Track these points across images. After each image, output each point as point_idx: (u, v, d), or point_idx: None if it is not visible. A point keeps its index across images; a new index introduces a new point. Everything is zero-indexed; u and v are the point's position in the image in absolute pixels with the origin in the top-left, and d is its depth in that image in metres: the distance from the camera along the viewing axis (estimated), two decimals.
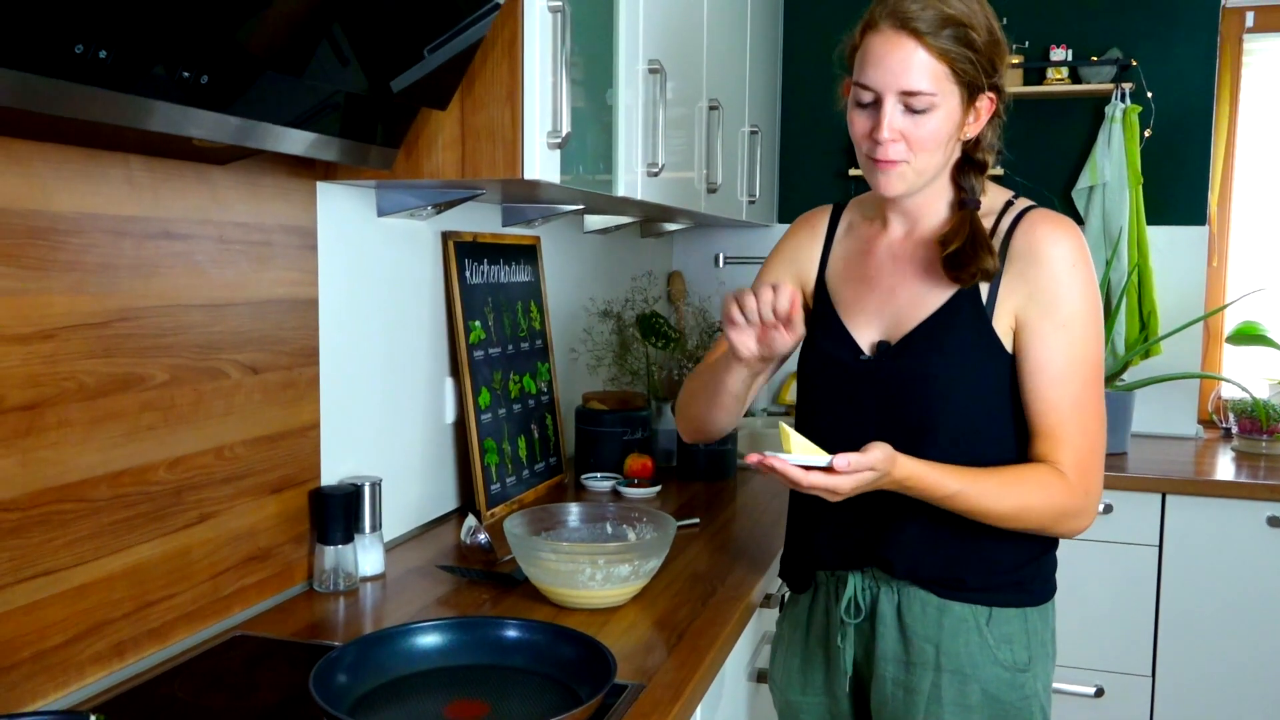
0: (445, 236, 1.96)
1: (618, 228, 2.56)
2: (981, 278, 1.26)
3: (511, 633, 1.28)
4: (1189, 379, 2.97)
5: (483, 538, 1.70)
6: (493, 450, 2.02)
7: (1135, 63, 2.97)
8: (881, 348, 1.34)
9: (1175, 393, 3.01)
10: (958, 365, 1.28)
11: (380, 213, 1.75)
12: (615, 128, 1.80)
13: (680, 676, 1.26)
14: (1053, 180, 3.08)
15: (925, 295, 1.31)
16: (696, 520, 1.98)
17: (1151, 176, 2.98)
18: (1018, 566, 1.32)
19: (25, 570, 1.13)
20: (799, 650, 1.46)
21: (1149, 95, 2.97)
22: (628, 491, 2.17)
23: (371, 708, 1.15)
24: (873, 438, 1.29)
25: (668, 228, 3.02)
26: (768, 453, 1.19)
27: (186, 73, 1.02)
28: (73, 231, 1.17)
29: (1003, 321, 1.27)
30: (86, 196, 1.19)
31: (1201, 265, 3.02)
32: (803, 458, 1.18)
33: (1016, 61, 3.01)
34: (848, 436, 1.33)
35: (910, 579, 1.32)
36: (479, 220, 2.09)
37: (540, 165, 1.50)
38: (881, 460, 1.18)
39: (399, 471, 1.85)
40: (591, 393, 2.41)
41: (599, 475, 2.25)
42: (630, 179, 1.88)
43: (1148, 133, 2.98)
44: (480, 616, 1.42)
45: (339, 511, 1.56)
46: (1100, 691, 2.63)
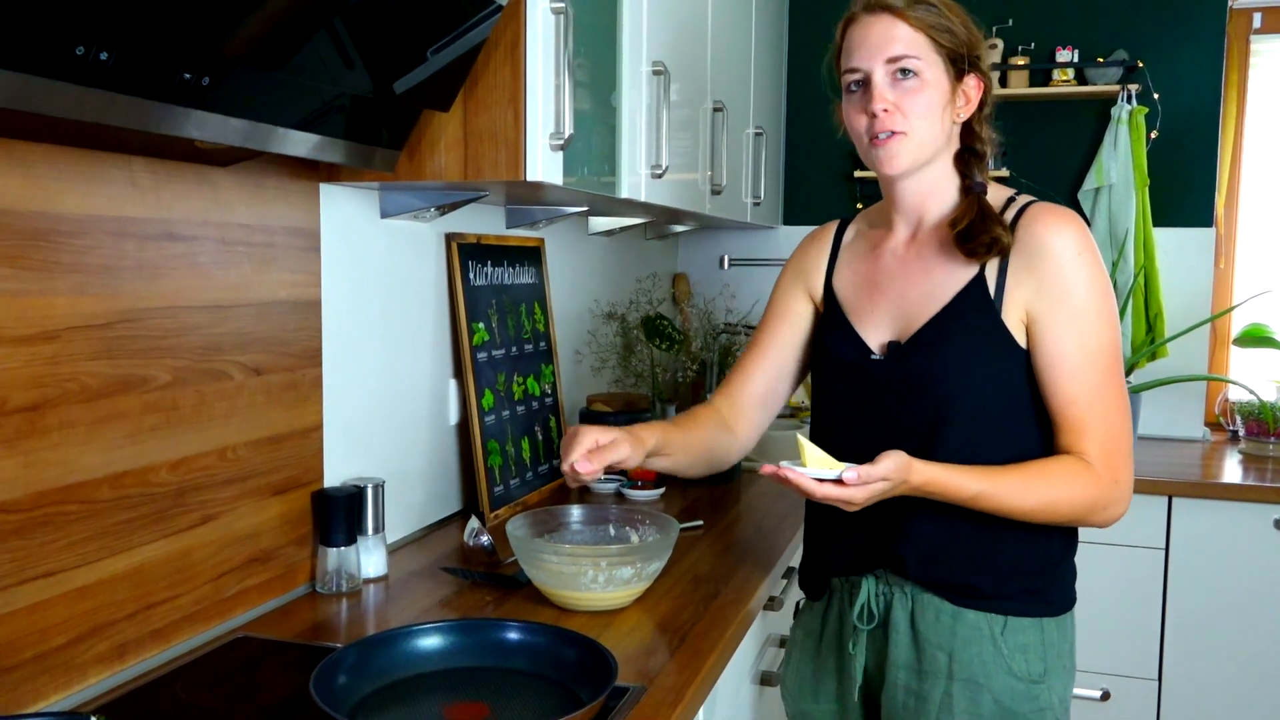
0: (449, 238, 1.96)
1: (622, 230, 2.56)
2: (996, 250, 1.27)
3: (513, 635, 1.28)
4: (1196, 381, 2.96)
5: (485, 540, 1.70)
6: (496, 452, 2.01)
7: (1142, 64, 2.96)
8: (892, 347, 1.34)
9: (1182, 395, 3.00)
10: (968, 359, 1.28)
11: (383, 214, 1.76)
12: (619, 129, 1.80)
13: (682, 679, 1.26)
14: (1059, 182, 3.07)
15: (933, 293, 1.32)
16: (700, 523, 1.98)
17: (1158, 178, 2.97)
18: (1034, 574, 1.31)
19: (27, 571, 1.13)
20: (811, 658, 1.45)
21: (1155, 97, 2.96)
22: (631, 494, 2.17)
23: (372, 710, 1.15)
24: (886, 437, 1.29)
25: (672, 229, 3.02)
26: (783, 464, 1.20)
27: (188, 74, 1.02)
28: (75, 233, 1.17)
29: (1012, 315, 1.27)
30: (89, 198, 1.19)
31: (1208, 267, 3.00)
32: (817, 470, 1.19)
33: (1022, 63, 3.00)
34: (861, 438, 1.33)
35: (923, 581, 1.31)
36: (483, 222, 2.09)
37: (543, 167, 1.50)
38: (894, 469, 1.18)
39: (402, 473, 1.85)
40: (596, 395, 2.41)
41: (602, 478, 2.24)
42: (634, 181, 1.88)
43: (1154, 134, 2.97)
44: (482, 619, 1.42)
45: (342, 513, 1.56)
46: (1106, 695, 2.62)
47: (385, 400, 1.80)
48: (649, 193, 1.96)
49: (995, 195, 1.34)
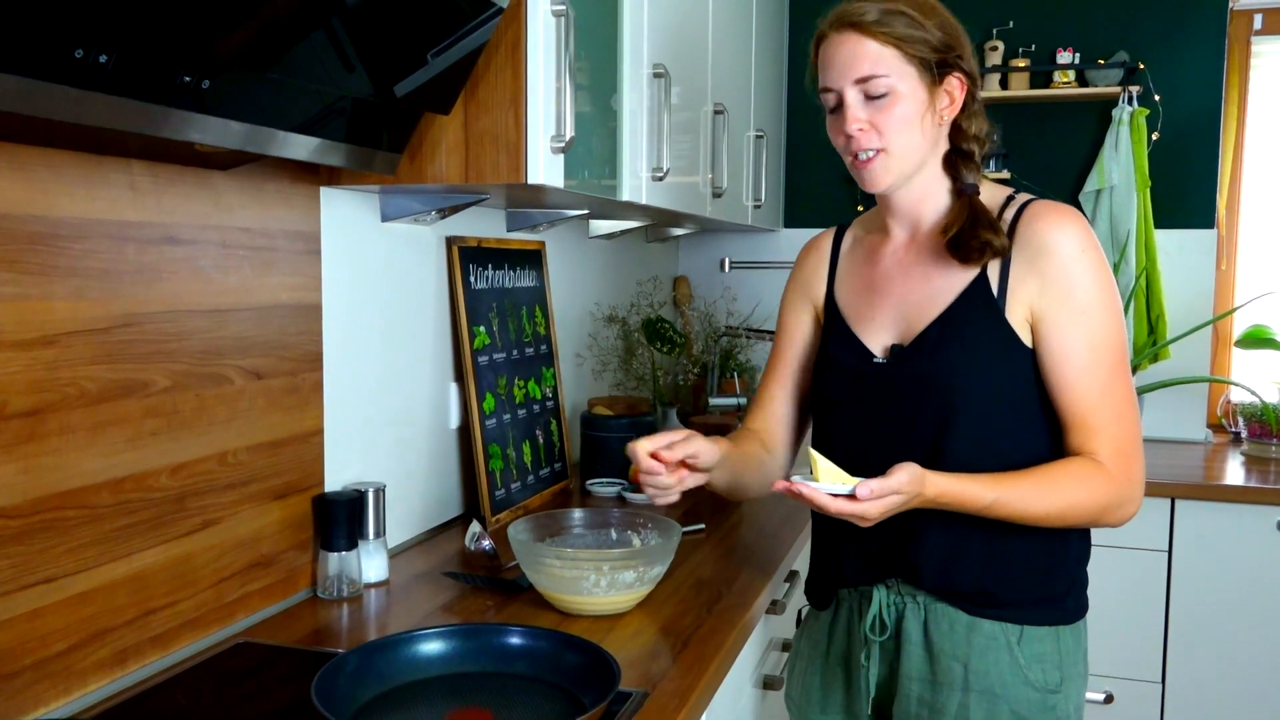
0: (449, 242, 1.96)
1: (623, 233, 2.55)
2: (990, 254, 1.25)
3: (515, 640, 1.28)
4: (1198, 383, 2.95)
5: (487, 544, 1.70)
6: (497, 456, 2.01)
7: (1143, 65, 2.96)
8: (894, 350, 1.33)
9: (1184, 397, 3.00)
10: (972, 359, 1.27)
11: (384, 218, 1.75)
12: (620, 132, 1.80)
13: (685, 684, 1.25)
14: (1060, 184, 3.07)
15: (935, 295, 1.31)
16: (702, 526, 1.97)
17: (1159, 180, 2.97)
18: (1051, 580, 1.29)
19: (27, 577, 1.12)
20: (819, 669, 1.44)
21: (1157, 98, 2.96)
22: (633, 497, 2.16)
23: (374, 715, 1.14)
24: (891, 442, 1.29)
25: (673, 232, 3.01)
26: (794, 477, 1.20)
27: (188, 77, 1.02)
28: (75, 237, 1.17)
29: (1016, 314, 1.26)
30: (88, 202, 1.18)
31: (1210, 269, 3.00)
32: (829, 485, 1.19)
33: (1023, 65, 3.00)
34: (865, 444, 1.33)
35: (937, 590, 1.29)
36: (483, 225, 2.09)
37: (544, 170, 1.49)
38: (908, 482, 1.17)
39: (403, 477, 1.84)
40: (597, 398, 2.40)
41: (604, 481, 2.24)
42: (635, 183, 1.88)
43: (1155, 136, 2.97)
44: (484, 623, 1.41)
45: (343, 518, 1.55)
46: (1110, 698, 2.61)
47: (386, 404, 1.79)
48: (650, 195, 1.96)
49: (993, 195, 1.33)
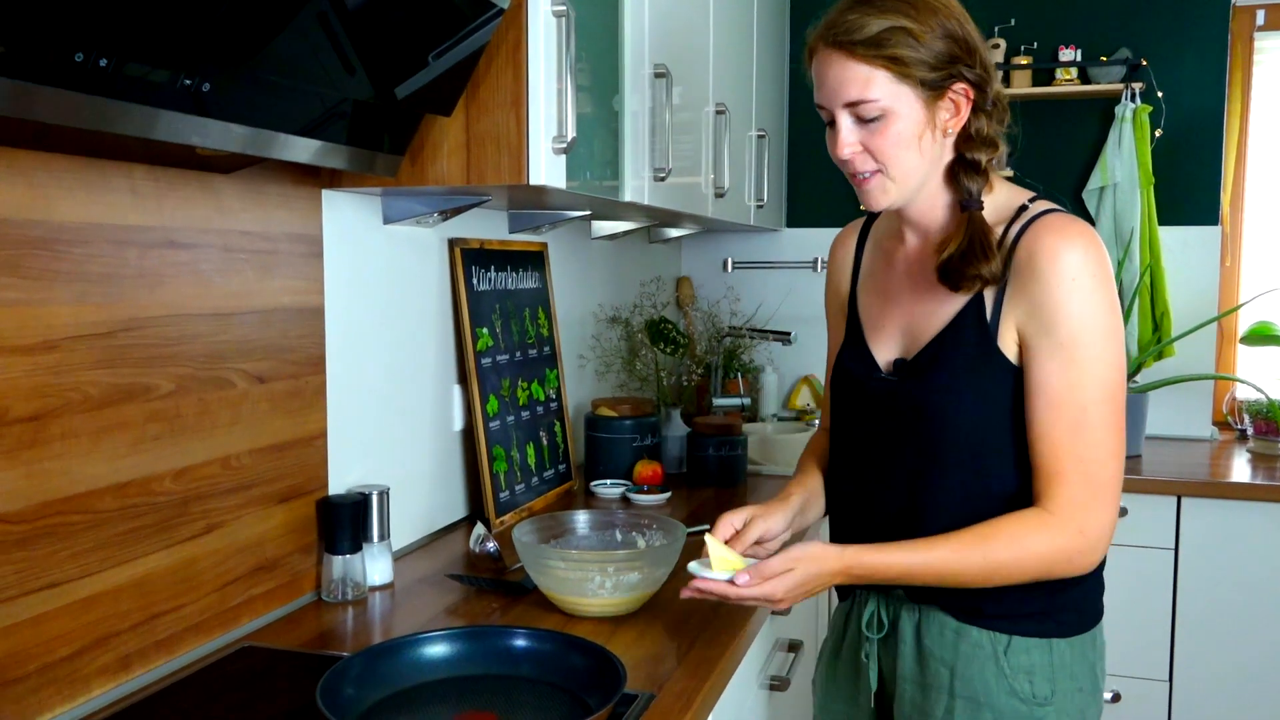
0: (452, 243, 1.95)
1: (625, 233, 2.55)
2: (980, 285, 1.20)
3: (520, 642, 1.27)
4: (1203, 380, 2.94)
5: (491, 546, 1.69)
6: (501, 458, 2.01)
7: (1145, 62, 2.95)
8: (899, 365, 1.30)
9: (1189, 394, 2.99)
10: (961, 387, 1.23)
11: (386, 220, 1.75)
12: (621, 133, 1.79)
13: (691, 685, 1.25)
14: (1063, 181, 3.06)
15: (937, 310, 1.27)
16: (707, 527, 1.95)
17: (1163, 177, 2.96)
18: (1041, 596, 1.24)
19: (31, 583, 1.12)
20: (834, 658, 1.45)
21: (1159, 95, 2.95)
22: (637, 498, 2.16)
23: (379, 719, 1.14)
24: (886, 457, 1.28)
25: (675, 233, 3.01)
26: (693, 566, 1.26)
27: (188, 80, 1.02)
28: (76, 241, 1.16)
29: (1008, 337, 1.21)
30: (89, 206, 1.18)
31: (1214, 265, 2.99)
32: (721, 574, 1.24)
33: (1025, 62, 3.00)
34: (868, 456, 1.32)
35: (924, 600, 1.28)
36: (486, 227, 2.08)
37: (546, 171, 1.49)
38: (799, 559, 1.18)
39: (407, 480, 1.84)
40: (600, 399, 2.40)
41: (608, 482, 2.24)
42: (637, 184, 1.87)
43: (1158, 133, 2.96)
44: (489, 626, 1.41)
45: (347, 521, 1.55)
46: (1117, 697, 2.60)
47: (389, 407, 1.79)
48: (652, 196, 1.95)
49: (1004, 202, 1.26)
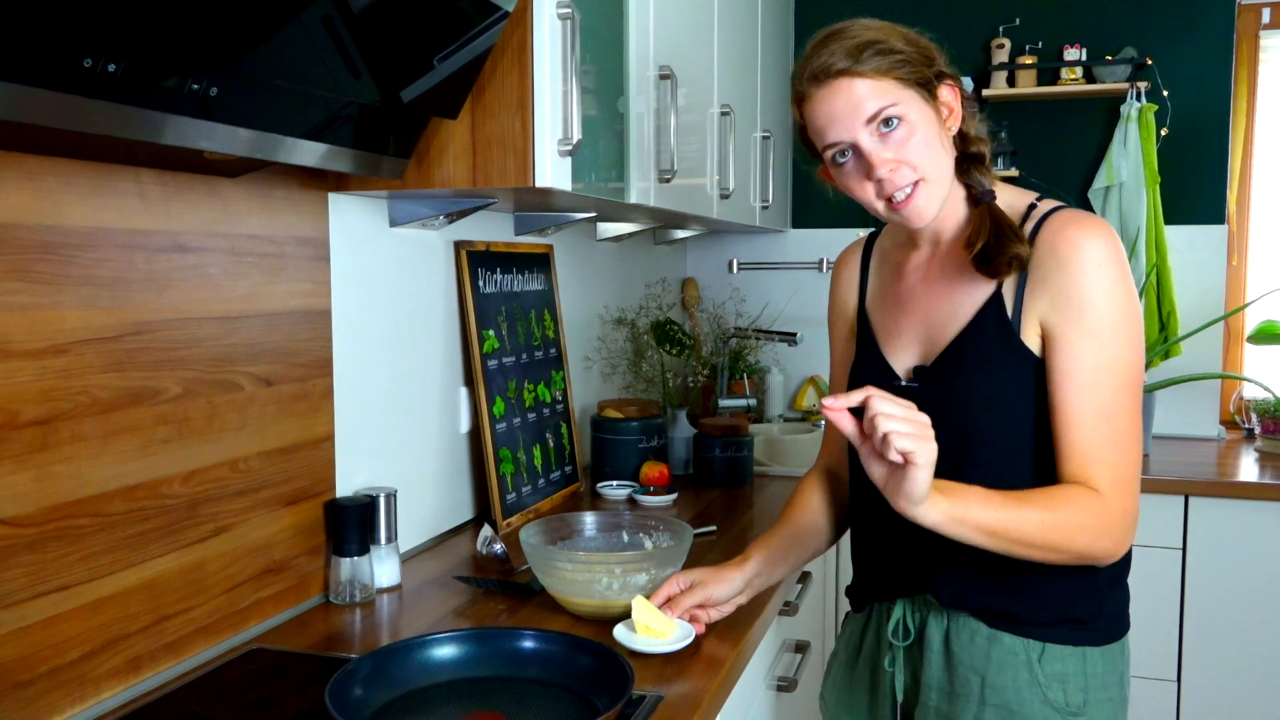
0: (458, 246, 1.96)
1: (630, 235, 2.55)
2: (1017, 267, 1.20)
3: (528, 643, 1.28)
4: (1210, 379, 2.94)
5: (499, 548, 1.70)
6: (508, 460, 2.01)
7: (1150, 61, 2.95)
8: (918, 372, 1.30)
9: (1196, 393, 2.98)
10: (988, 385, 1.22)
11: (392, 223, 1.75)
12: (627, 135, 1.80)
13: (699, 686, 1.25)
14: (1069, 181, 3.06)
15: (955, 312, 1.26)
16: (713, 528, 1.97)
17: (1169, 176, 2.96)
18: (1076, 601, 1.24)
19: (41, 585, 1.13)
20: (849, 671, 1.43)
21: (1165, 94, 2.95)
22: (644, 499, 2.16)
23: None
24: None
25: (680, 234, 3.01)
26: (617, 633, 1.31)
27: (195, 85, 1.02)
28: (84, 246, 1.17)
29: (1030, 331, 1.21)
30: (98, 210, 1.19)
31: (1221, 264, 2.99)
32: (640, 639, 1.30)
33: (1030, 62, 2.99)
34: None
35: (958, 607, 1.26)
36: (491, 229, 2.09)
37: (551, 173, 1.49)
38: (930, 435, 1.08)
39: (414, 482, 1.84)
40: (606, 401, 2.40)
41: (614, 483, 2.24)
42: (643, 186, 1.88)
43: (1164, 131, 2.95)
44: (497, 627, 1.41)
45: (354, 523, 1.56)
46: None
47: (396, 409, 1.80)
48: (657, 198, 1.96)
49: (1014, 201, 1.27)
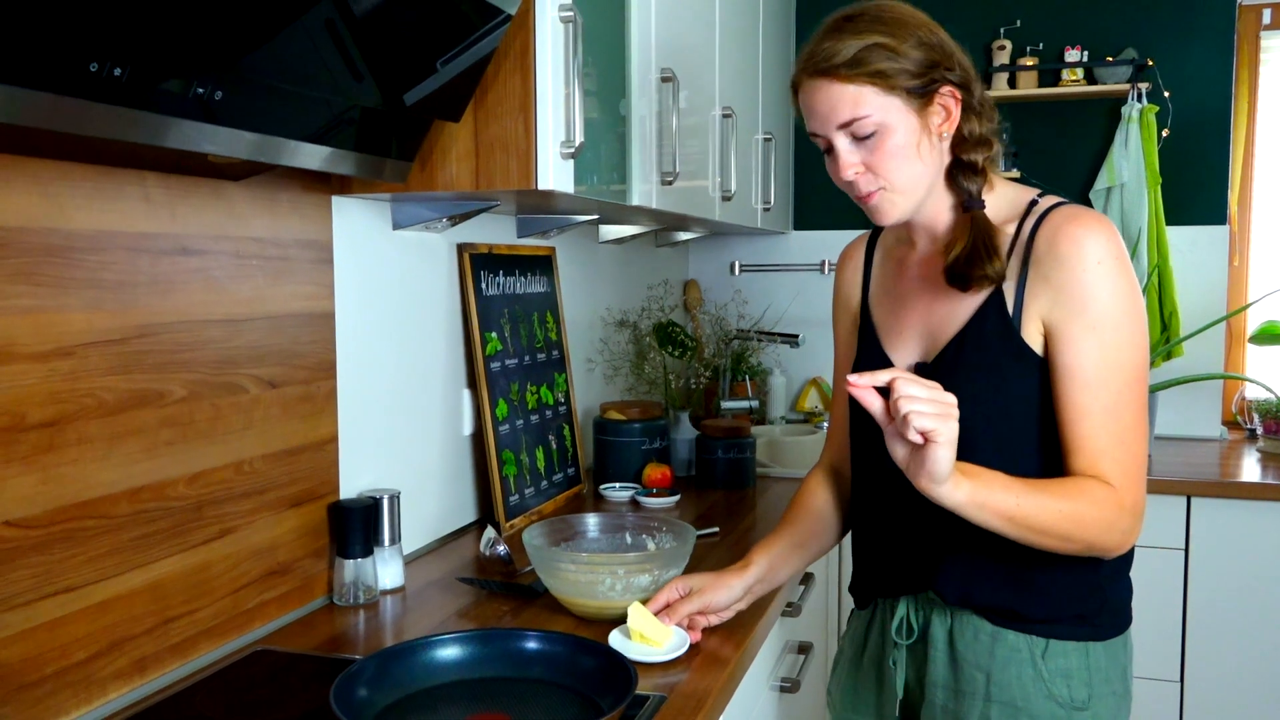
0: (460, 249, 1.96)
1: (633, 237, 2.56)
2: (988, 285, 1.21)
3: (532, 644, 1.28)
4: (1212, 380, 2.94)
5: (502, 549, 1.70)
6: (511, 461, 2.01)
7: (1151, 62, 2.95)
8: (920, 368, 1.30)
9: (1198, 394, 2.98)
10: (986, 381, 1.22)
11: (395, 226, 1.76)
12: (629, 137, 1.80)
13: (702, 687, 1.25)
14: (1070, 182, 3.06)
15: (955, 309, 1.26)
16: (716, 529, 1.97)
17: (1170, 176, 2.96)
18: (1078, 598, 1.25)
19: (47, 587, 1.13)
20: (854, 668, 1.43)
21: (1166, 95, 2.95)
22: (646, 501, 2.16)
23: None
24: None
25: (682, 236, 3.02)
26: (613, 641, 1.32)
27: (201, 89, 1.03)
28: (90, 249, 1.18)
29: (1031, 328, 1.21)
30: (103, 214, 1.19)
31: (1223, 265, 2.99)
32: (634, 645, 1.31)
33: (1031, 63, 3.00)
34: (888, 462, 1.31)
35: (963, 604, 1.27)
36: (494, 232, 2.09)
37: (554, 176, 1.50)
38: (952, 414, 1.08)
39: (417, 484, 1.85)
40: (609, 403, 2.41)
41: (617, 485, 2.25)
42: (645, 188, 1.88)
43: (1165, 132, 2.96)
44: (500, 628, 1.41)
45: (358, 525, 1.56)
46: None
47: (399, 411, 1.80)
48: (660, 200, 1.96)
49: (1013, 200, 1.27)
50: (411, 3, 1.20)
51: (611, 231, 2.51)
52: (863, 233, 1.50)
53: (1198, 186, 2.99)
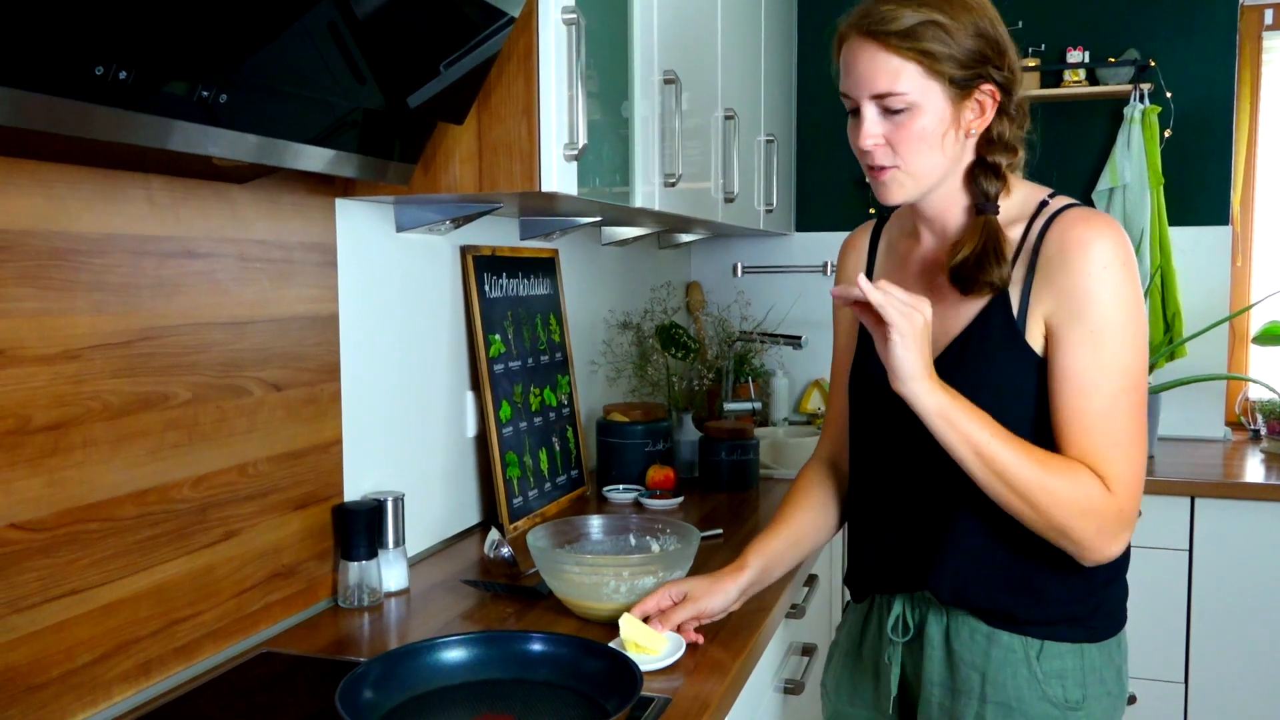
0: (464, 251, 1.96)
1: (635, 239, 2.56)
2: (989, 291, 1.21)
3: (536, 646, 1.28)
4: (1215, 380, 2.94)
5: (506, 551, 1.70)
6: (514, 463, 2.01)
7: (1154, 63, 2.95)
8: None
9: (1202, 395, 2.98)
10: (988, 379, 1.22)
11: (399, 228, 1.76)
12: (631, 139, 1.80)
13: (707, 689, 1.25)
14: (1072, 183, 3.06)
15: (958, 309, 1.26)
16: (719, 531, 1.97)
17: (1172, 177, 2.96)
18: (1075, 601, 1.24)
19: (53, 590, 1.13)
20: (851, 662, 1.43)
21: (1168, 95, 2.95)
22: (650, 503, 2.16)
23: None
24: (913, 459, 1.26)
25: (685, 238, 3.02)
26: (611, 646, 1.29)
27: (205, 92, 1.03)
28: (95, 252, 1.18)
29: (1035, 332, 1.20)
30: (108, 217, 1.20)
31: (1225, 266, 2.99)
32: (645, 658, 1.28)
33: (1033, 64, 3.00)
34: (887, 458, 1.31)
35: (958, 604, 1.27)
36: (497, 234, 2.10)
37: (557, 178, 1.50)
38: (920, 319, 1.13)
39: (421, 486, 1.85)
40: (612, 404, 2.41)
41: (621, 487, 2.25)
42: (647, 190, 1.88)
43: (1168, 133, 2.96)
44: (504, 630, 1.41)
45: (362, 527, 1.56)
46: (1133, 699, 2.59)
47: (403, 413, 1.80)
48: (662, 202, 1.96)
49: (1024, 200, 1.26)
50: (415, 5, 1.20)
51: (614, 233, 2.52)
52: (868, 221, 1.49)
53: (1200, 187, 2.99)
